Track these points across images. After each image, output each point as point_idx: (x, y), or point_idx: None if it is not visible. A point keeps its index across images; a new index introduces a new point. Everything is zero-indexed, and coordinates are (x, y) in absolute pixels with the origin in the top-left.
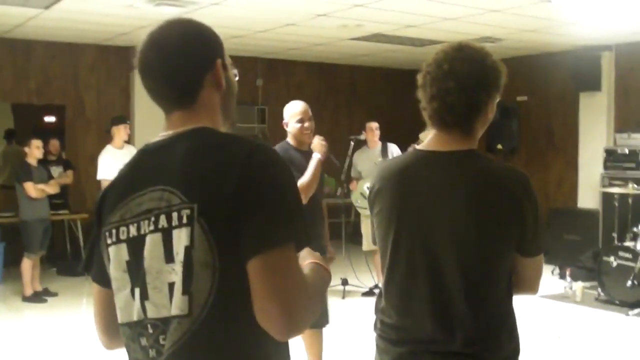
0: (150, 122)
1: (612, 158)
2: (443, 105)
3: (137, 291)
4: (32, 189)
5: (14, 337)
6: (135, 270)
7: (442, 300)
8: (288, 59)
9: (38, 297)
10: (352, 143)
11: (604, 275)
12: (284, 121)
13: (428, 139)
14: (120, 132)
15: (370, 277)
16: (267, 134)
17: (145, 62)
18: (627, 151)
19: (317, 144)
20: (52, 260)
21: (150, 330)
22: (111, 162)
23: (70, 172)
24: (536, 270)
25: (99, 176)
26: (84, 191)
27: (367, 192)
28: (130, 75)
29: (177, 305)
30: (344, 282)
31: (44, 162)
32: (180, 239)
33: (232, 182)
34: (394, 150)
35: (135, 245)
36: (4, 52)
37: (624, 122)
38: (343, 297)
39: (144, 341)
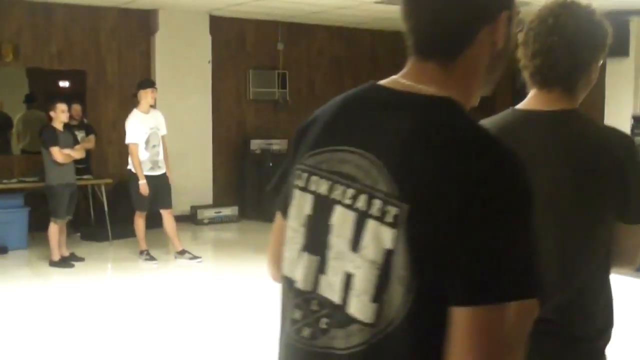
0: (172, 88)
1: (639, 125)
2: (546, 62)
3: (308, 257)
4: (58, 154)
5: (42, 302)
6: (314, 233)
7: None
8: (309, 23)
9: (65, 262)
10: None
11: None
12: None
13: (528, 97)
14: (147, 96)
15: None
16: (288, 99)
17: None
18: None
19: None
20: (75, 226)
21: (314, 308)
22: (139, 127)
23: (92, 137)
24: (637, 240)
25: (128, 140)
26: (105, 156)
27: None
28: (152, 39)
29: (362, 310)
30: None
31: (68, 127)
32: (379, 236)
33: (462, 196)
34: None
35: (322, 206)
36: (24, 14)
37: None
38: None
39: (298, 314)
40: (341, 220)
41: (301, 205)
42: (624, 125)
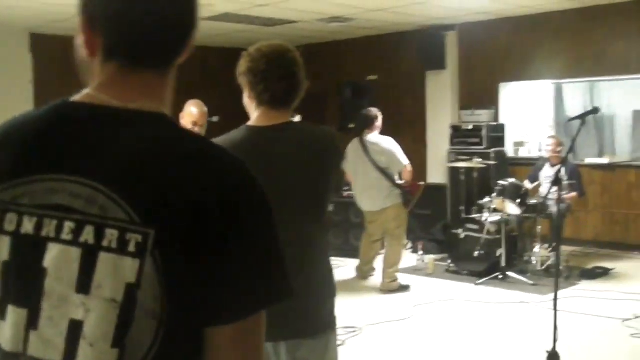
0: None
1: (457, 134)
2: (288, 86)
3: (13, 310)
4: None
5: None
6: (19, 282)
7: None
8: None
9: None
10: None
11: (453, 247)
12: None
13: (257, 115)
14: None
15: None
16: None
17: None
18: (471, 127)
19: None
20: None
21: None
22: None
23: None
24: None
25: None
26: None
27: None
28: None
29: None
30: None
31: None
32: (118, 270)
33: (208, 207)
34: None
35: (25, 248)
36: None
37: (468, 99)
38: None
39: None
40: (60, 260)
41: None
42: (444, 134)
